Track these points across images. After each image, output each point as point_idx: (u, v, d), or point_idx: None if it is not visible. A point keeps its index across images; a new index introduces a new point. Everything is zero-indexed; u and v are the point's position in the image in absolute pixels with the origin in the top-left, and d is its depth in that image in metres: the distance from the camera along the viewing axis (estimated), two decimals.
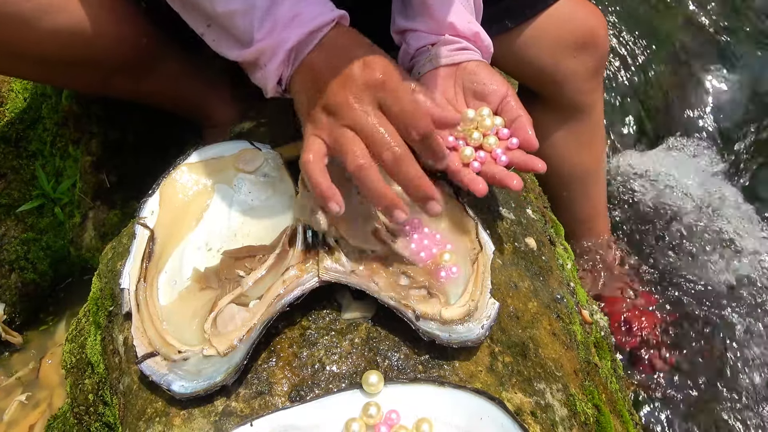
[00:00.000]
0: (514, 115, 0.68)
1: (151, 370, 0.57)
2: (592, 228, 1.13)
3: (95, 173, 1.04)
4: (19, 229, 1.04)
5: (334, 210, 0.55)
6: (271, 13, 0.58)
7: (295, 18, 0.58)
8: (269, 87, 0.60)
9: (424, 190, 0.55)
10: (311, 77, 0.58)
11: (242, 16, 0.58)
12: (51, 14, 0.72)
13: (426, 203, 0.56)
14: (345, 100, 0.55)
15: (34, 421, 0.92)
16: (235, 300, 0.60)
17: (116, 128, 1.04)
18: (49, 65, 0.79)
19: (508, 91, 0.69)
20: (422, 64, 0.71)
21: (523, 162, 0.66)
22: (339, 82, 0.56)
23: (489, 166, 0.66)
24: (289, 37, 0.57)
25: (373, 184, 0.54)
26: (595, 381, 0.68)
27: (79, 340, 0.74)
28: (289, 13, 0.58)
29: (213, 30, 0.62)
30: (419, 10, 0.72)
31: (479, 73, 0.70)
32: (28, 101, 1.09)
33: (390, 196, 0.55)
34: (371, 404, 0.54)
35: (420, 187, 0.55)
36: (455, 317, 0.59)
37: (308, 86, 0.58)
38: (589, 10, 0.93)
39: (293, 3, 0.59)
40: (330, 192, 0.55)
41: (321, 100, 0.57)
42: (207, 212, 0.68)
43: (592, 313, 0.79)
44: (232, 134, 0.84)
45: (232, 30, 0.59)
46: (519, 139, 0.67)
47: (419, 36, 0.72)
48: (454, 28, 0.71)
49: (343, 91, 0.56)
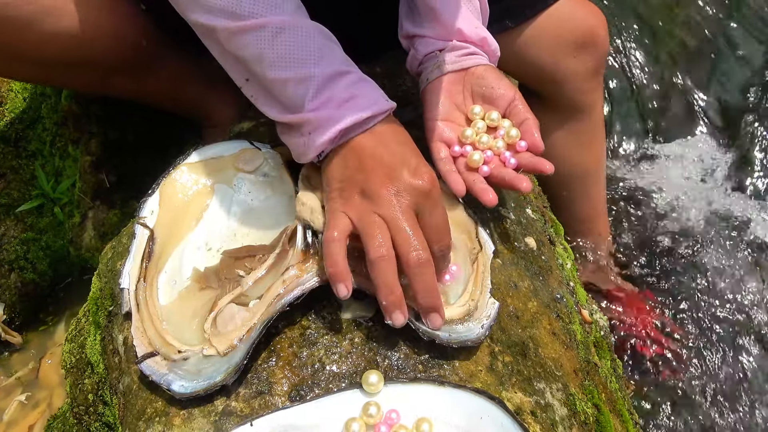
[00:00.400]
0: (521, 119, 0.69)
1: (151, 369, 0.56)
2: (591, 227, 1.13)
3: (95, 173, 1.04)
4: (18, 228, 1.04)
5: (342, 293, 0.56)
6: (327, 87, 0.58)
7: (352, 99, 0.59)
8: (309, 156, 0.61)
9: (435, 302, 0.57)
10: (355, 158, 0.59)
11: (295, 85, 0.58)
12: (52, 17, 0.72)
13: (431, 314, 0.57)
14: (386, 192, 0.57)
15: (33, 421, 0.91)
16: (235, 300, 0.60)
17: (116, 128, 1.04)
18: (48, 67, 0.79)
19: (515, 94, 0.70)
20: (430, 70, 0.72)
21: (532, 164, 0.67)
22: (385, 174, 0.57)
23: (498, 170, 0.67)
24: (343, 116, 0.58)
25: (388, 277, 0.56)
26: (594, 380, 0.68)
27: (78, 340, 0.74)
28: (346, 93, 0.59)
29: (252, 85, 0.62)
30: (427, 16, 0.72)
31: (487, 77, 0.70)
32: (28, 101, 1.09)
33: (399, 295, 0.56)
34: (371, 404, 0.54)
35: (434, 298, 0.57)
36: (455, 317, 0.59)
37: (348, 165, 0.59)
38: (589, 10, 0.93)
39: (349, 84, 0.59)
40: (344, 276, 0.56)
41: (360, 182, 0.58)
42: (207, 212, 0.68)
43: (592, 312, 0.79)
44: (231, 134, 0.84)
45: (280, 95, 0.60)
46: (526, 141, 0.68)
47: (427, 42, 0.72)
48: (461, 34, 0.71)
49: (387, 184, 0.57)
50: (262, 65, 0.59)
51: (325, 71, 0.58)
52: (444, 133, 0.69)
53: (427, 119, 0.70)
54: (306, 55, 0.58)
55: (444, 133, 0.69)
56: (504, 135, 0.69)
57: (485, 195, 0.64)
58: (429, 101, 0.71)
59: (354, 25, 0.65)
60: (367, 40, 0.81)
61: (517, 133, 0.68)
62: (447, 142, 0.69)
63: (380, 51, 0.90)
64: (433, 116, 0.70)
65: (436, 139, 0.69)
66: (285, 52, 0.58)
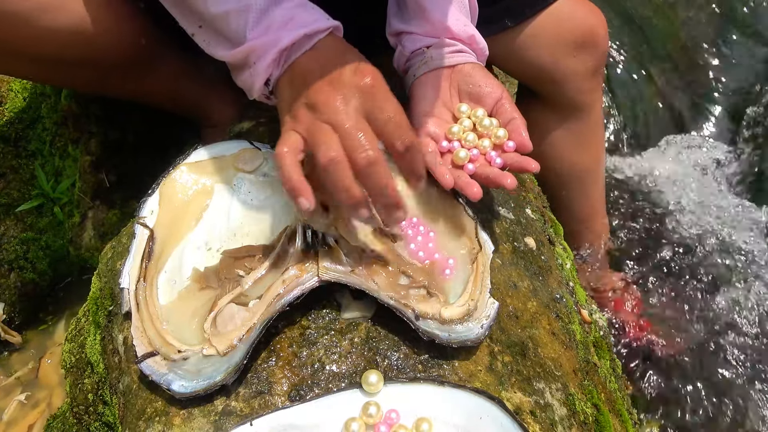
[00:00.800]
0: (508, 118, 0.68)
1: (150, 369, 0.57)
2: (590, 227, 1.13)
3: (94, 173, 1.04)
4: (18, 228, 1.04)
5: (304, 206, 0.54)
6: (266, 14, 0.58)
7: (290, 21, 0.58)
8: (256, 86, 0.60)
9: (393, 197, 0.55)
10: (300, 76, 0.58)
11: (236, 16, 0.58)
12: (50, 13, 0.72)
13: (392, 211, 0.56)
14: (330, 98, 0.55)
15: (33, 421, 0.91)
16: (235, 300, 0.60)
17: (116, 128, 1.04)
18: (47, 64, 0.78)
19: (502, 93, 0.70)
20: (417, 67, 0.72)
21: (518, 163, 0.66)
22: (327, 82, 0.56)
23: (483, 168, 0.66)
24: (282, 37, 0.58)
25: (342, 179, 0.54)
26: (594, 380, 0.68)
27: (78, 340, 0.74)
28: (285, 16, 0.59)
29: (204, 31, 0.62)
30: (415, 13, 0.72)
31: (474, 75, 0.70)
32: (28, 101, 1.09)
33: (357, 193, 0.54)
34: (371, 404, 0.54)
35: (389, 194, 0.55)
36: (455, 317, 0.59)
37: (294, 85, 0.58)
38: (588, 9, 0.93)
39: (289, 8, 0.59)
40: (300, 185, 0.54)
41: (305, 97, 0.57)
42: (206, 212, 0.68)
43: (591, 312, 0.79)
44: (231, 134, 0.84)
45: (225, 29, 0.60)
46: (514, 141, 0.67)
47: (415, 38, 0.73)
48: (449, 31, 0.71)
49: (330, 90, 0.56)
50: (205, 2, 0.59)
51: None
52: (431, 128, 0.69)
53: (413, 114, 0.70)
54: None
55: (431, 128, 0.69)
56: (492, 135, 0.68)
57: (470, 189, 0.63)
58: (416, 96, 0.71)
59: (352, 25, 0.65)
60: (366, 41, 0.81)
61: (504, 133, 0.67)
62: (434, 137, 0.69)
63: (378, 51, 0.90)
64: (419, 111, 0.70)
65: (423, 134, 0.68)
66: None
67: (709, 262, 1.25)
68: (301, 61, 0.58)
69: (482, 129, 0.68)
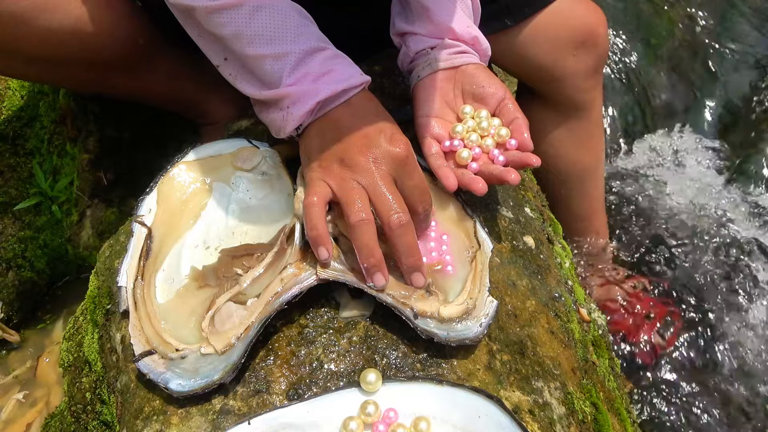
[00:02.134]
0: (511, 118, 0.69)
1: (148, 368, 0.56)
2: (589, 226, 1.13)
3: (93, 171, 1.03)
4: (16, 227, 1.03)
5: (323, 256, 0.58)
6: (304, 63, 0.61)
7: (327, 74, 0.61)
8: (287, 129, 0.63)
9: (417, 262, 0.59)
10: (332, 128, 0.61)
11: (273, 61, 0.61)
12: (47, 13, 0.71)
13: (413, 274, 0.60)
14: (364, 160, 0.59)
15: (31, 420, 0.91)
16: (233, 298, 0.59)
17: (114, 126, 1.04)
18: (45, 64, 0.78)
19: (506, 94, 0.70)
20: (422, 67, 0.72)
21: (519, 159, 0.67)
22: (362, 144, 0.60)
23: (486, 166, 0.67)
24: (321, 89, 0.60)
25: (368, 240, 0.58)
26: (592, 379, 0.68)
27: (76, 338, 0.74)
28: (322, 67, 0.61)
29: (231, 65, 0.64)
30: (419, 14, 0.72)
31: (478, 76, 0.71)
32: (26, 99, 1.08)
33: (378, 257, 0.58)
34: (369, 402, 0.53)
35: (415, 257, 0.59)
36: (454, 315, 0.59)
37: (326, 135, 0.61)
38: (589, 8, 0.93)
39: (325, 59, 0.62)
40: (324, 237, 0.58)
41: (338, 152, 0.60)
42: (205, 210, 0.68)
43: (590, 311, 0.79)
44: (229, 132, 0.84)
45: (258, 70, 0.62)
46: (516, 141, 0.68)
47: (419, 39, 0.73)
48: (453, 33, 0.72)
49: (365, 152, 0.59)
50: (240, 43, 0.61)
51: (302, 47, 0.61)
52: (435, 129, 0.70)
53: (418, 116, 0.71)
54: (283, 33, 0.60)
55: (435, 129, 0.70)
56: (494, 134, 0.69)
57: (475, 184, 0.64)
58: (420, 98, 0.71)
59: (355, 24, 0.66)
60: (367, 40, 0.81)
61: (507, 132, 0.68)
62: (438, 138, 0.70)
63: (379, 50, 0.90)
64: (424, 113, 0.70)
65: (427, 135, 0.69)
66: (262, 30, 0.60)
67: (707, 259, 1.25)
68: (334, 113, 0.61)
69: (485, 129, 0.69)
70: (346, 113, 0.61)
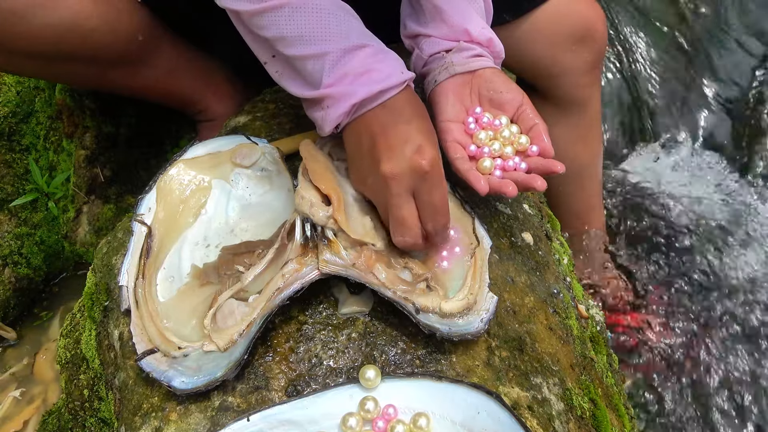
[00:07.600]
0: (530, 123, 0.68)
1: (151, 366, 0.56)
2: (587, 222, 1.13)
3: (89, 167, 1.03)
4: (12, 223, 1.03)
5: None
6: (343, 62, 0.60)
7: (366, 74, 0.60)
8: (326, 129, 0.63)
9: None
10: (367, 135, 0.61)
11: (313, 61, 0.60)
12: (46, 9, 0.71)
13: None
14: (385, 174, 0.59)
15: (28, 417, 0.91)
16: (235, 295, 0.59)
17: (110, 122, 1.04)
18: (43, 60, 0.78)
19: (523, 99, 0.69)
20: (438, 72, 0.71)
21: (542, 166, 0.66)
22: (386, 156, 0.59)
23: (510, 174, 0.66)
24: (357, 91, 0.59)
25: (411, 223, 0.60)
26: (591, 375, 0.68)
27: (73, 336, 0.74)
28: (361, 67, 0.60)
29: (278, 62, 0.64)
30: (432, 15, 0.71)
31: (495, 81, 0.70)
32: (21, 94, 1.08)
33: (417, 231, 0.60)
34: (368, 399, 0.53)
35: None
36: (455, 310, 0.59)
37: (361, 141, 0.61)
38: (587, 4, 0.92)
39: (366, 57, 0.61)
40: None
41: (366, 159, 0.61)
42: (204, 208, 0.67)
43: (588, 307, 0.79)
44: (227, 128, 0.83)
45: (301, 70, 0.62)
46: (537, 146, 0.67)
47: (433, 42, 0.72)
48: (468, 35, 0.70)
49: (387, 165, 0.59)
50: (283, 43, 0.61)
51: (340, 47, 0.60)
52: (457, 135, 0.68)
53: (439, 121, 0.69)
54: (322, 32, 0.60)
55: (457, 135, 0.68)
56: (514, 142, 0.68)
57: (506, 187, 0.64)
58: (439, 103, 0.70)
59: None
60: None
61: (527, 139, 0.67)
62: (461, 142, 0.68)
63: None
64: (445, 118, 0.69)
65: (451, 140, 0.68)
66: (302, 30, 0.60)
67: (706, 256, 1.25)
68: (368, 116, 0.61)
69: (506, 138, 0.68)
70: (380, 117, 0.60)
